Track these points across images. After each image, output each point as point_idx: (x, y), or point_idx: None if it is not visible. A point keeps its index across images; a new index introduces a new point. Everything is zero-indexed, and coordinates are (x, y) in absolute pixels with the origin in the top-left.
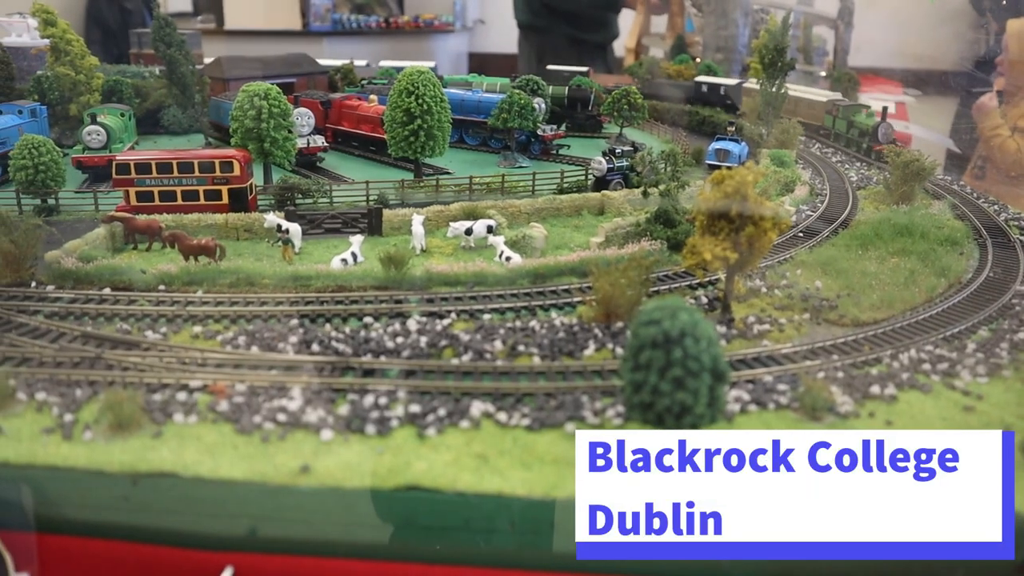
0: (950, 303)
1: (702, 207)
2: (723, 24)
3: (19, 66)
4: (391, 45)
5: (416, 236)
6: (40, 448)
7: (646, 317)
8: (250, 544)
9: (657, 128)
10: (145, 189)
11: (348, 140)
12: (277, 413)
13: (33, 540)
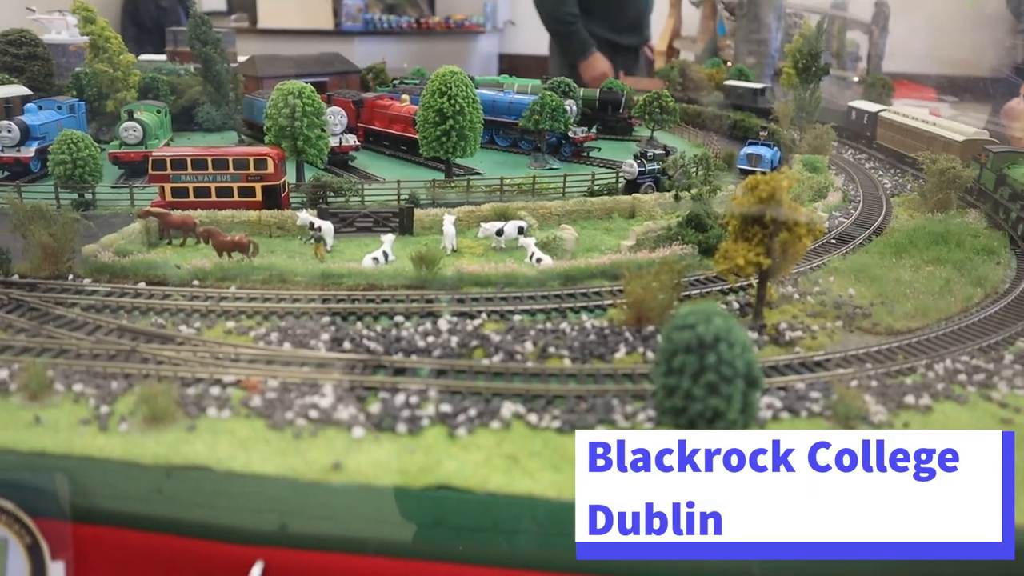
0: (987, 313)
1: (736, 212)
2: (755, 28)
3: (58, 62)
4: (422, 46)
5: (447, 236)
6: (77, 438)
7: (680, 321)
8: (280, 539)
9: (688, 131)
10: (180, 185)
11: (379, 139)
12: (309, 410)
13: (69, 529)
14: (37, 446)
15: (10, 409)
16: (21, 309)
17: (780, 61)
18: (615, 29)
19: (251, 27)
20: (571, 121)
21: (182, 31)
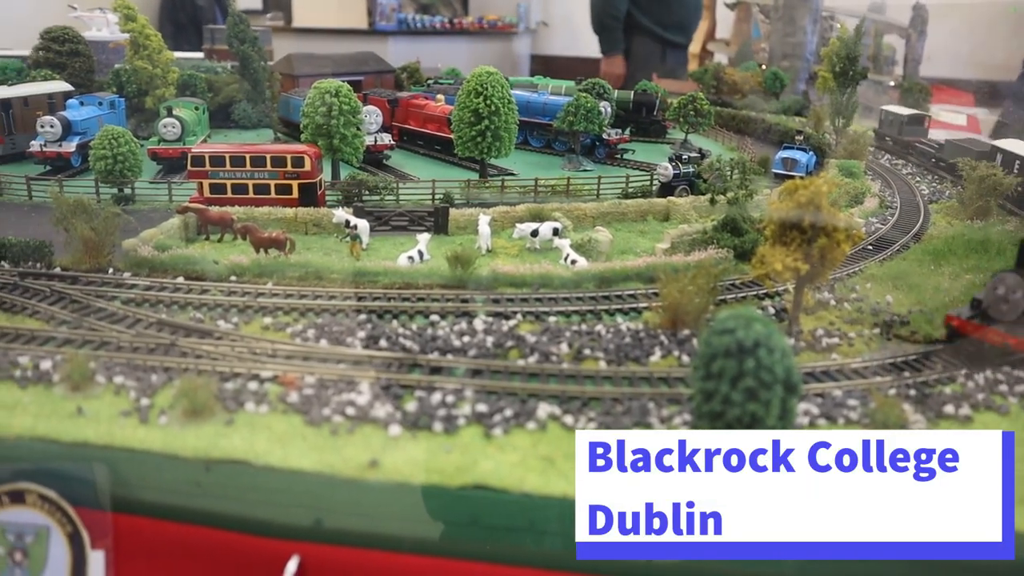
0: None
1: (774, 217)
2: (791, 31)
3: (98, 59)
4: (454, 46)
5: (482, 236)
6: (118, 430)
7: (720, 326)
8: (316, 534)
9: (722, 135)
10: (218, 182)
11: (413, 139)
12: (346, 407)
13: (109, 519)
14: (79, 436)
15: (53, 400)
16: (63, 301)
17: (815, 65)
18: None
19: (286, 25)
20: (605, 123)
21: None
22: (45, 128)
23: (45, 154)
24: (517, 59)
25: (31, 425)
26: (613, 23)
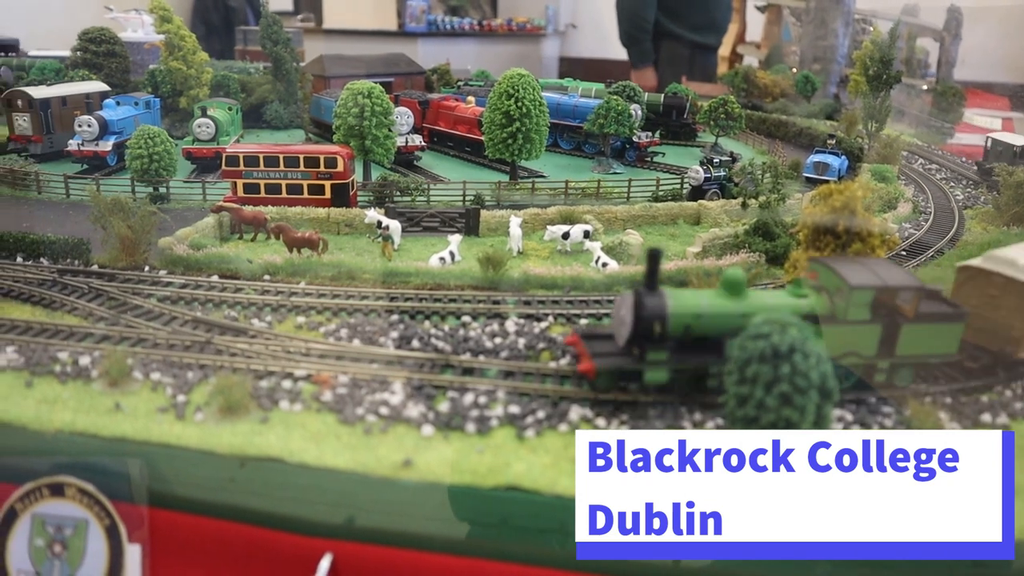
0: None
1: (808, 221)
2: (822, 34)
3: (133, 60)
4: (483, 47)
5: (514, 238)
6: (155, 426)
7: (754, 330)
8: (349, 533)
9: (752, 138)
10: (252, 181)
11: (443, 140)
12: (379, 406)
13: (145, 513)
14: (117, 432)
15: (91, 395)
16: (101, 298)
17: (847, 68)
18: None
19: (317, 27)
20: (636, 126)
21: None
22: (83, 127)
23: (82, 153)
24: (545, 61)
25: (71, 420)
26: (643, 35)
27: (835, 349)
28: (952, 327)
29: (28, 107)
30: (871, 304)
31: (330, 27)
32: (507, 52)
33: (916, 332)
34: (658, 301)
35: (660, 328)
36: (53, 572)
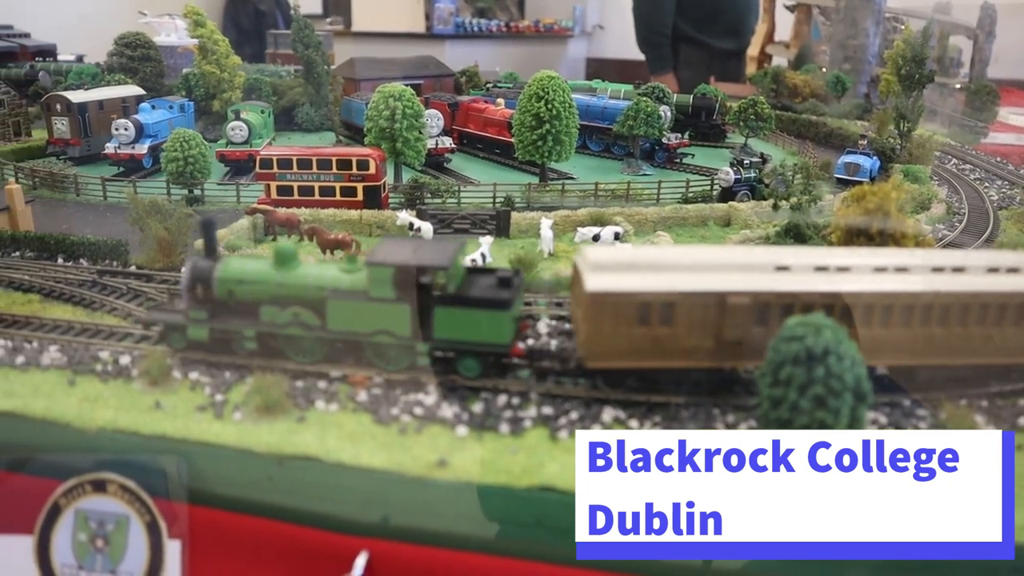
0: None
1: (841, 223)
2: (852, 33)
3: (167, 64)
4: (511, 49)
5: (545, 240)
6: (194, 424)
7: (788, 332)
8: (385, 531)
9: (782, 139)
10: (285, 184)
11: (473, 142)
12: (414, 407)
13: (185, 510)
14: (158, 430)
15: (132, 393)
16: (140, 298)
17: (877, 67)
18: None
19: (345, 29)
20: (665, 127)
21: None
22: (120, 131)
23: (119, 156)
24: (572, 62)
25: (112, 417)
26: (661, 40)
27: (365, 326)
28: (499, 315)
29: (67, 111)
30: (393, 282)
31: (359, 30)
32: (534, 53)
33: (456, 316)
34: (207, 265)
35: (203, 290)
36: (95, 566)
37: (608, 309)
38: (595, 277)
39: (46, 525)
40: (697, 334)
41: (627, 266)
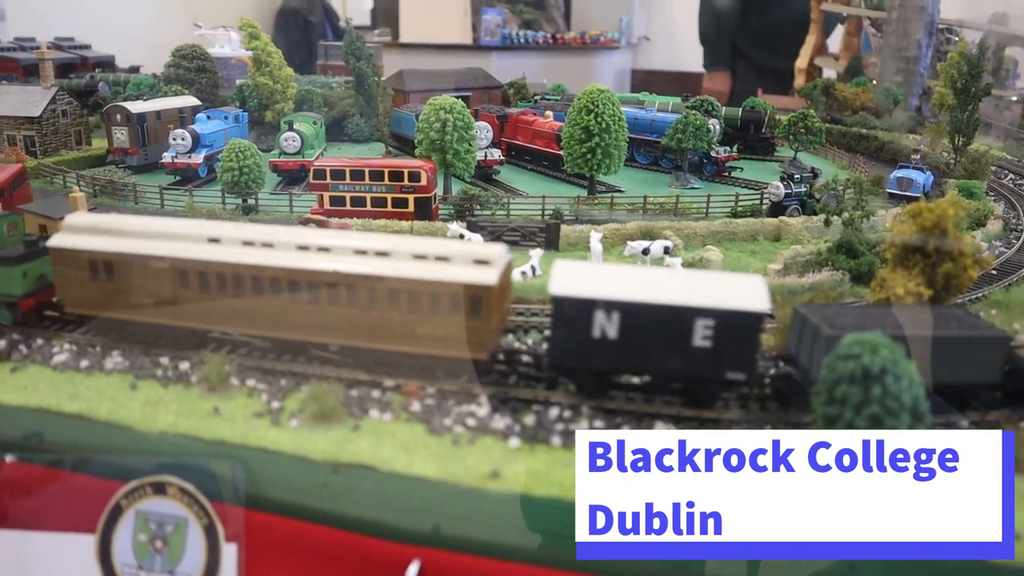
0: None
1: (896, 239)
2: (904, 45)
3: (221, 75)
4: (556, 61)
5: (594, 253)
6: (252, 430)
7: (844, 351)
8: (436, 540)
9: (832, 152)
10: (338, 194)
11: (521, 154)
12: (466, 418)
13: (241, 514)
14: (217, 435)
15: (192, 399)
16: None
17: (930, 79)
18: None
19: (393, 41)
20: (714, 140)
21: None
22: (177, 141)
23: (175, 165)
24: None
25: (173, 422)
26: (720, 37)
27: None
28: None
29: (126, 121)
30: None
31: (407, 41)
32: (579, 65)
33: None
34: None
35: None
36: (154, 566)
37: (67, 263)
38: (59, 235)
39: (108, 525)
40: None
41: (92, 228)
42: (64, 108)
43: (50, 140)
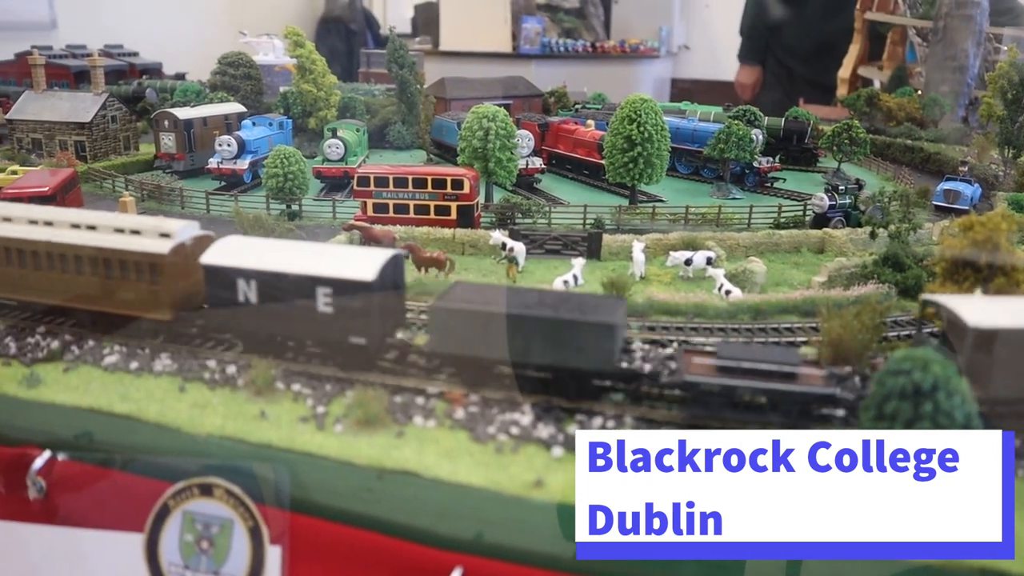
0: None
1: (946, 253)
2: (951, 54)
3: (264, 82)
4: (596, 69)
5: (637, 263)
6: (297, 434)
7: (895, 366)
8: (479, 548)
9: (875, 164)
10: (381, 201)
11: (562, 163)
12: (510, 426)
13: (287, 517)
14: (263, 438)
15: (238, 402)
16: None
17: (977, 89)
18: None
19: (433, 49)
20: (757, 151)
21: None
22: (223, 147)
23: (221, 171)
24: (657, 83)
25: (220, 424)
26: (758, 33)
27: None
28: None
29: (174, 127)
30: None
31: (446, 49)
32: (619, 73)
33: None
34: None
35: None
36: (200, 566)
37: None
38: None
39: (155, 524)
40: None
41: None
42: (114, 114)
43: (100, 145)
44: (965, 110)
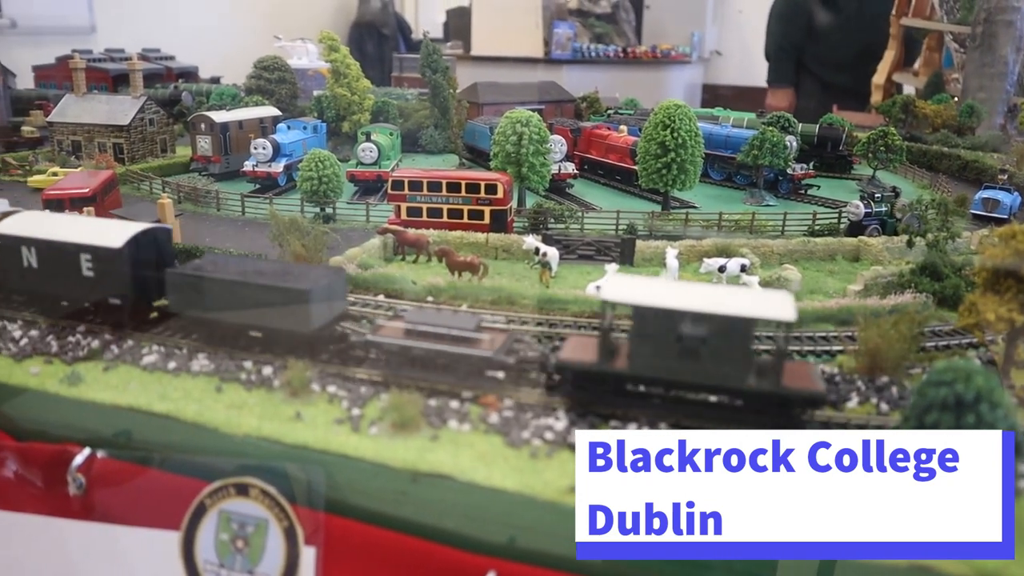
0: None
1: (988, 263)
2: (989, 60)
3: (299, 86)
4: (627, 75)
5: (670, 269)
6: (333, 436)
7: (936, 377)
8: (512, 553)
9: (911, 171)
10: (415, 205)
11: (594, 168)
12: (544, 431)
13: (321, 518)
14: (299, 440)
15: (274, 403)
16: None
17: (1016, 96)
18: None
19: (465, 54)
20: (791, 157)
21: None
22: (258, 150)
23: (256, 174)
24: (689, 88)
25: (256, 425)
26: (785, 55)
27: None
28: None
29: (210, 130)
30: None
31: (478, 54)
32: (650, 79)
33: None
34: None
35: None
36: (235, 565)
37: None
38: None
39: (192, 523)
40: None
41: None
42: (151, 117)
43: (137, 148)
44: (1004, 117)
